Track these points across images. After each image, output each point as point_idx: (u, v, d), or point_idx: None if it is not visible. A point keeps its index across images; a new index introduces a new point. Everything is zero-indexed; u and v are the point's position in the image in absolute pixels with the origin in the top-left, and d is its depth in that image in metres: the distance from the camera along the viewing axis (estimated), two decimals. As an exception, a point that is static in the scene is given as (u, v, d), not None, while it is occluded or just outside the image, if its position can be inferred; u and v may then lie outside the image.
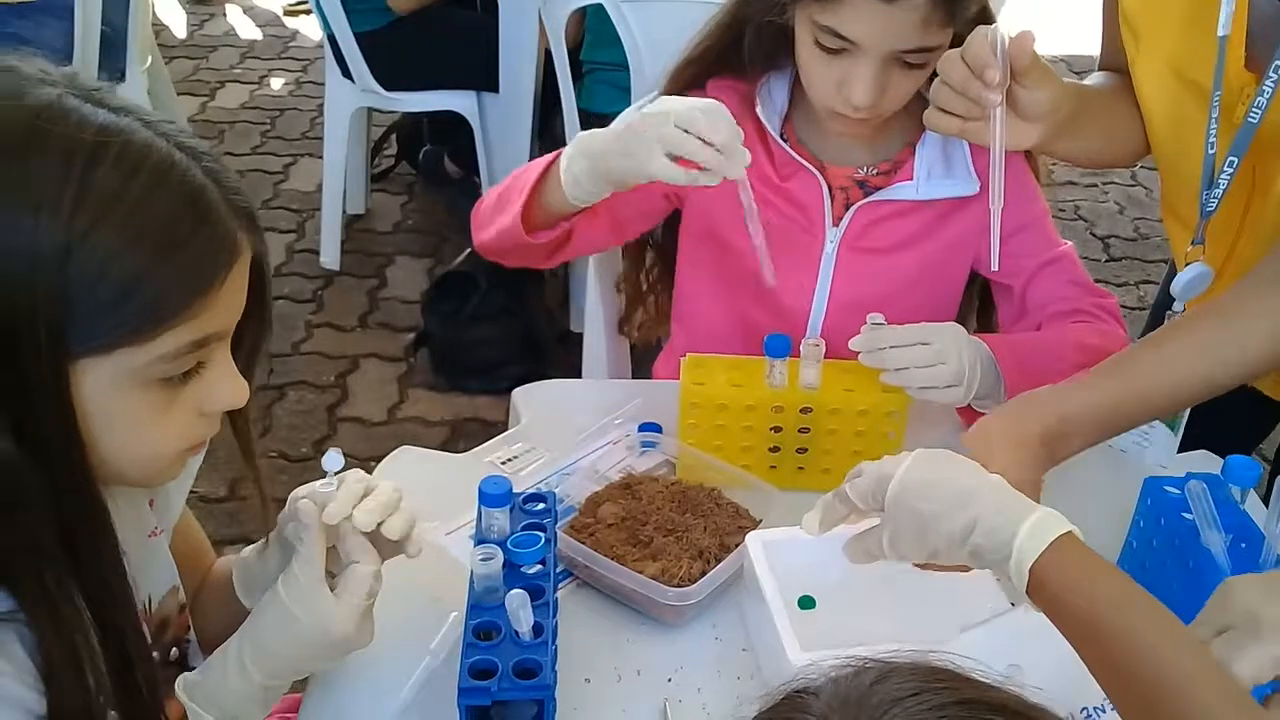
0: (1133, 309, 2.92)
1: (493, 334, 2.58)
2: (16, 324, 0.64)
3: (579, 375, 1.72)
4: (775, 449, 1.13)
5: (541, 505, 0.94)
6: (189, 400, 0.73)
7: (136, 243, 0.67)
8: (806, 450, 1.13)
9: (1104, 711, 0.84)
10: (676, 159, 1.04)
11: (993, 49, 1.01)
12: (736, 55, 1.24)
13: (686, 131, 1.03)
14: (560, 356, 2.54)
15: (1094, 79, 1.22)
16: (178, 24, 4.38)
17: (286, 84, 3.99)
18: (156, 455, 0.74)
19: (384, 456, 1.17)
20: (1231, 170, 1.05)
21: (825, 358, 1.10)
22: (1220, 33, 0.99)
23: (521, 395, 1.28)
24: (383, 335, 2.76)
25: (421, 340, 2.65)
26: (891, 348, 1.07)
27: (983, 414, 1.16)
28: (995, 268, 1.07)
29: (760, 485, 1.06)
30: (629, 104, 1.52)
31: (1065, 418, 0.95)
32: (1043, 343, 1.22)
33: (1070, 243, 1.32)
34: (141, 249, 0.67)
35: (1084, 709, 0.84)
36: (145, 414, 0.71)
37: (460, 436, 2.45)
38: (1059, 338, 1.23)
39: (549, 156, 1.18)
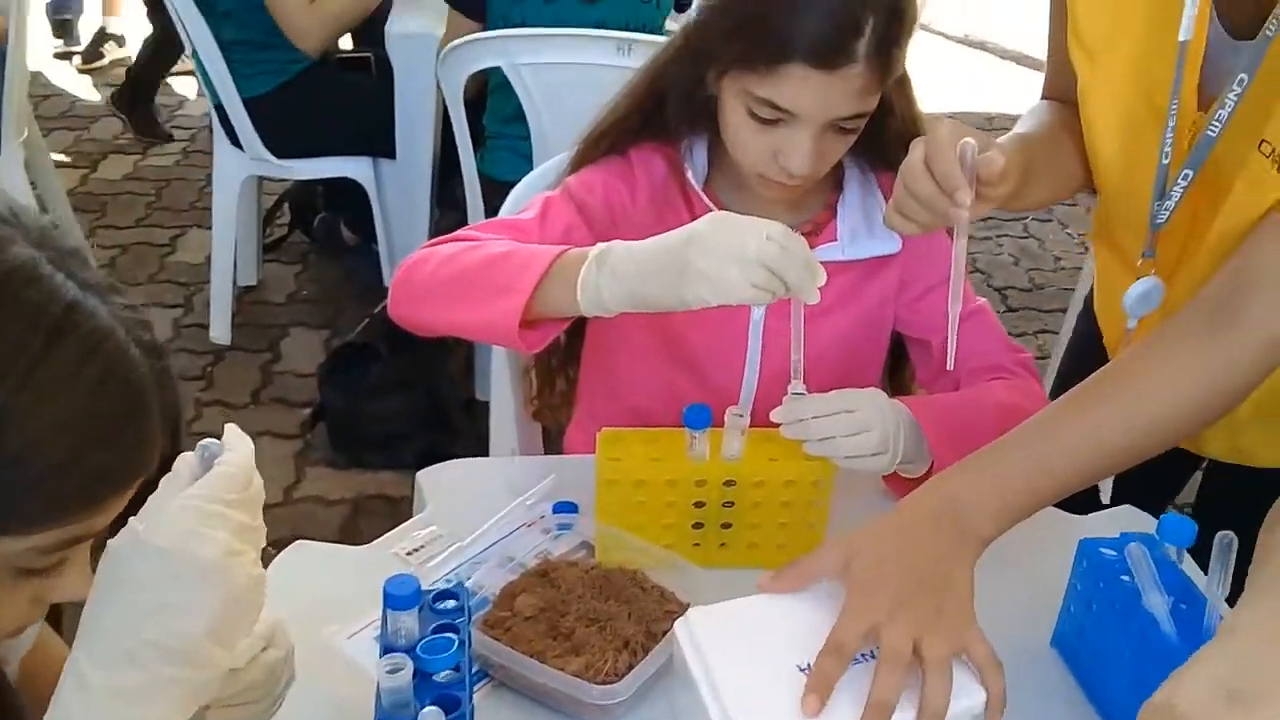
0: (1035, 359, 2.97)
1: (395, 405, 2.49)
2: None
3: (486, 445, 1.65)
4: (698, 525, 1.08)
5: (453, 603, 0.87)
6: (31, 587, 0.67)
7: (61, 436, 0.63)
8: (730, 525, 1.08)
9: None
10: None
11: (962, 165, 0.95)
12: (658, 120, 1.21)
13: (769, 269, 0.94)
14: (466, 426, 2.46)
15: (1032, 118, 1.20)
16: (72, 90, 4.24)
17: (172, 153, 3.87)
18: None
19: (281, 541, 1.08)
20: (1185, 183, 1.03)
21: (752, 426, 1.06)
22: (1182, 37, 0.97)
23: (426, 478, 1.20)
24: (277, 411, 2.65)
25: (319, 415, 2.55)
26: (814, 418, 1.04)
27: (908, 479, 1.14)
28: (950, 366, 1.04)
29: (685, 566, 1.01)
30: (531, 170, 1.47)
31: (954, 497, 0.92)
32: (962, 403, 1.20)
33: (984, 299, 1.31)
34: (64, 444, 0.63)
35: None
36: None
37: (362, 515, 2.35)
38: (978, 397, 1.21)
39: (544, 255, 1.03)
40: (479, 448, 1.74)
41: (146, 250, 3.28)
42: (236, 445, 0.71)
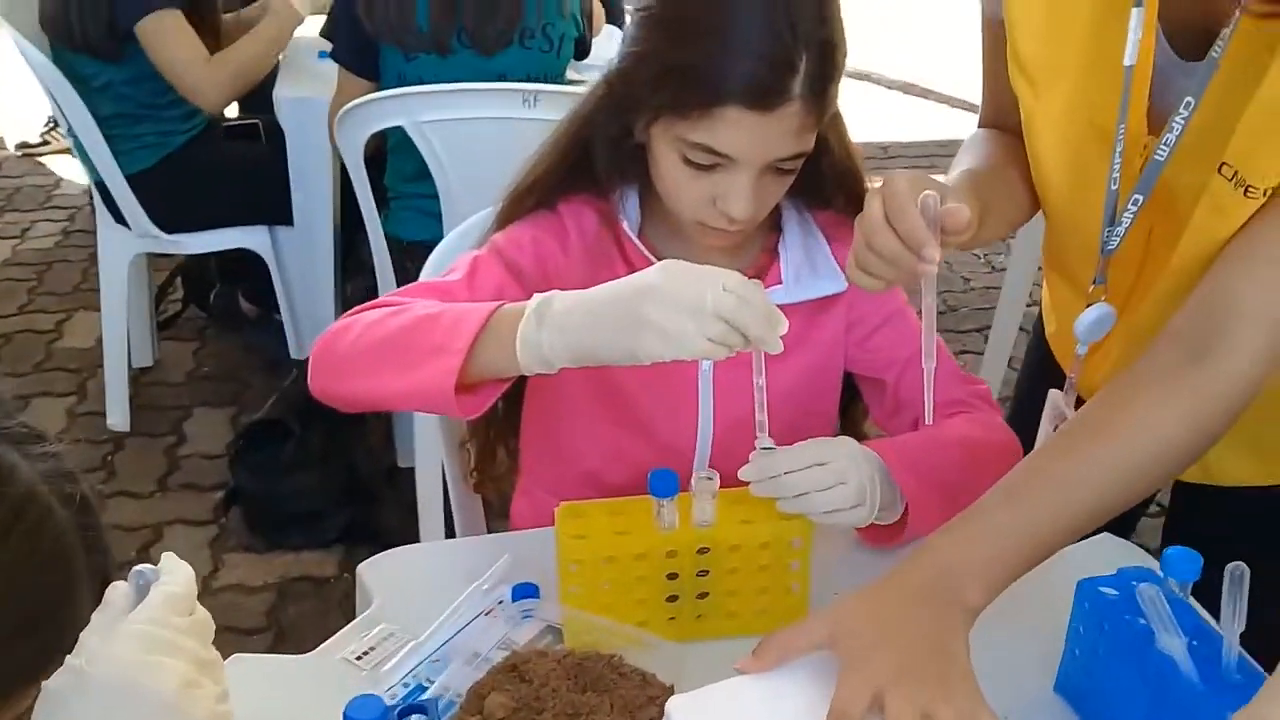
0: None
1: (312, 481, 2.37)
2: None
3: (414, 514, 1.56)
4: (673, 598, 1.00)
5: (421, 718, 0.79)
6: None
7: None
8: (707, 595, 1.01)
9: None
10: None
11: (926, 220, 0.91)
12: (585, 172, 1.15)
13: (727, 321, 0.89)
14: (390, 496, 2.35)
15: (975, 150, 1.17)
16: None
17: (52, 235, 3.69)
18: None
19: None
20: (1135, 208, 1.01)
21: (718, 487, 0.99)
22: (1127, 62, 0.94)
23: (369, 570, 1.11)
24: (187, 498, 2.51)
25: (232, 498, 2.42)
26: (786, 473, 0.98)
27: (880, 526, 1.08)
28: (929, 420, 0.99)
29: (662, 644, 0.94)
30: (440, 231, 1.40)
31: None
32: (927, 442, 1.15)
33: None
34: None
35: None
36: None
37: (289, 601, 2.22)
38: (942, 435, 1.16)
39: (477, 312, 0.96)
40: (408, 517, 1.65)
41: (31, 338, 3.10)
42: (175, 569, 0.64)
